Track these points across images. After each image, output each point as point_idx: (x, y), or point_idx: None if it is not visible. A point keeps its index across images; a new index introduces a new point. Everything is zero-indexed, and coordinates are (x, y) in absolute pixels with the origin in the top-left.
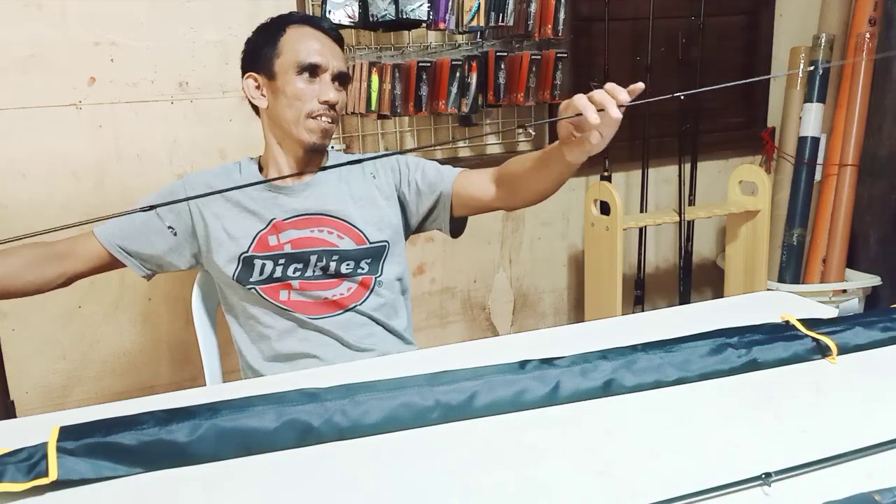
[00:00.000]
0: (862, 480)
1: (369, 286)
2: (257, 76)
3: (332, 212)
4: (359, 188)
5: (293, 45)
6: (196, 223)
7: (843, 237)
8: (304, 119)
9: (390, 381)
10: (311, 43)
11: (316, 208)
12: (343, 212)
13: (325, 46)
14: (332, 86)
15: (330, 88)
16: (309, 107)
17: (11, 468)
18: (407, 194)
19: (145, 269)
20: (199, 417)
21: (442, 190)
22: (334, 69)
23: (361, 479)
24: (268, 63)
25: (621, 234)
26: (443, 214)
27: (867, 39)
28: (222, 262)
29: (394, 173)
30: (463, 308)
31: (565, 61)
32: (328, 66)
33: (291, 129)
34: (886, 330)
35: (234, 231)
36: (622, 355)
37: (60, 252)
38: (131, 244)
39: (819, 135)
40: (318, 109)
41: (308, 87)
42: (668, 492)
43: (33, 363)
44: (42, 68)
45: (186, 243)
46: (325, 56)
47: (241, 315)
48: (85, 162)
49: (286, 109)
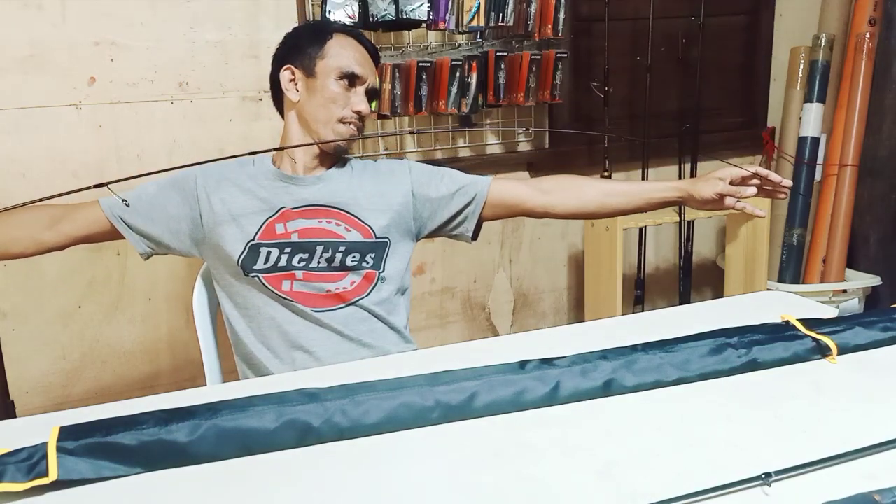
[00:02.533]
0: (862, 480)
1: (373, 280)
2: (295, 70)
3: (340, 204)
4: (371, 185)
5: (339, 52)
6: (203, 209)
7: (843, 237)
8: (335, 122)
9: (390, 381)
10: (355, 54)
11: (325, 200)
12: (352, 205)
13: (366, 60)
14: (365, 98)
15: (363, 100)
16: (342, 112)
17: (11, 468)
18: (427, 198)
19: (144, 246)
20: (199, 417)
21: (476, 193)
22: (370, 83)
23: (361, 479)
24: (310, 61)
25: (621, 234)
26: (471, 218)
27: (867, 39)
28: (229, 247)
29: (412, 174)
30: (463, 308)
31: (565, 61)
32: (366, 78)
33: (320, 128)
34: (886, 330)
35: (241, 217)
36: (622, 355)
37: (59, 214)
38: (133, 219)
39: (819, 135)
40: (350, 117)
41: (344, 94)
42: (668, 492)
43: (33, 363)
44: (42, 68)
45: (188, 228)
46: (365, 69)
47: (239, 304)
48: (85, 162)
49: (319, 108)
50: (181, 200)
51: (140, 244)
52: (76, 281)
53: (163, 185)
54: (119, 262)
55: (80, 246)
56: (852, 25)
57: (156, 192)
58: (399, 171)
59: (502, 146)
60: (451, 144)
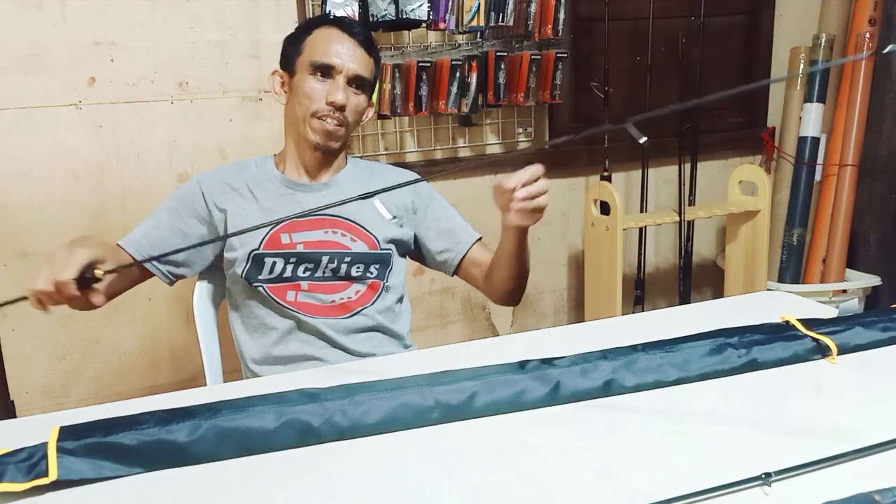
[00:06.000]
0: (862, 480)
1: (377, 290)
2: (283, 73)
3: (345, 215)
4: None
5: (314, 45)
6: (216, 218)
7: (843, 237)
8: (310, 118)
9: (390, 381)
10: (331, 44)
11: (331, 210)
12: (358, 215)
13: (346, 49)
14: (345, 88)
15: (339, 90)
16: (316, 106)
17: (11, 468)
18: (424, 223)
19: (171, 276)
20: (199, 417)
21: (460, 242)
22: (350, 72)
23: (361, 479)
24: (291, 61)
25: (621, 234)
26: (451, 262)
27: (867, 39)
28: (233, 257)
29: (417, 196)
30: (463, 308)
31: (565, 61)
32: (343, 67)
33: (300, 126)
34: (886, 330)
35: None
36: (622, 355)
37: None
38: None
39: (819, 135)
40: (324, 110)
41: (319, 87)
42: (668, 492)
43: (33, 363)
44: (42, 68)
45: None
46: (343, 58)
47: (244, 314)
48: (85, 162)
49: (296, 106)
50: (197, 221)
51: (167, 276)
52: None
53: (172, 210)
54: None
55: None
56: (852, 25)
57: (170, 220)
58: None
59: (502, 146)
60: (451, 144)
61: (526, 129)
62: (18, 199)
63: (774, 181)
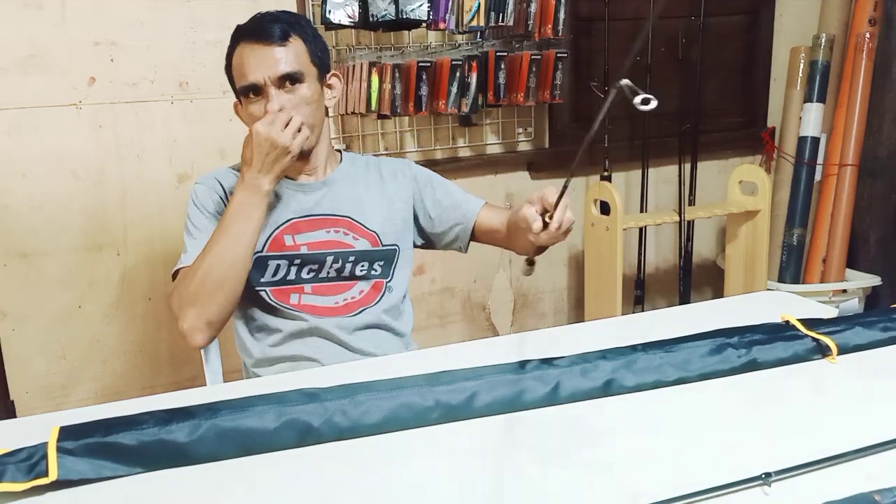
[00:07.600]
0: (862, 480)
1: (381, 290)
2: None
3: (346, 213)
4: (375, 190)
5: (236, 71)
6: None
7: (843, 237)
8: None
9: (390, 382)
10: (246, 62)
11: (332, 209)
12: (358, 212)
13: (260, 59)
14: (278, 94)
15: (271, 101)
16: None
17: (11, 468)
18: (428, 208)
19: None
20: (199, 417)
21: (466, 212)
22: (272, 77)
23: (361, 479)
24: (234, 90)
25: (621, 234)
26: (462, 236)
27: (867, 39)
28: None
29: (416, 183)
30: (463, 308)
31: (565, 61)
32: (262, 79)
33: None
34: (886, 330)
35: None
36: (622, 355)
37: None
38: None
39: (819, 135)
40: None
41: (256, 108)
42: (668, 492)
43: (33, 363)
44: (42, 68)
45: None
46: (259, 70)
47: (247, 316)
48: (85, 162)
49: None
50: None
51: None
52: (76, 281)
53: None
54: (119, 262)
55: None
56: (852, 25)
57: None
58: (401, 175)
59: (502, 146)
60: (452, 144)
61: (526, 129)
62: (18, 199)
63: (774, 181)
